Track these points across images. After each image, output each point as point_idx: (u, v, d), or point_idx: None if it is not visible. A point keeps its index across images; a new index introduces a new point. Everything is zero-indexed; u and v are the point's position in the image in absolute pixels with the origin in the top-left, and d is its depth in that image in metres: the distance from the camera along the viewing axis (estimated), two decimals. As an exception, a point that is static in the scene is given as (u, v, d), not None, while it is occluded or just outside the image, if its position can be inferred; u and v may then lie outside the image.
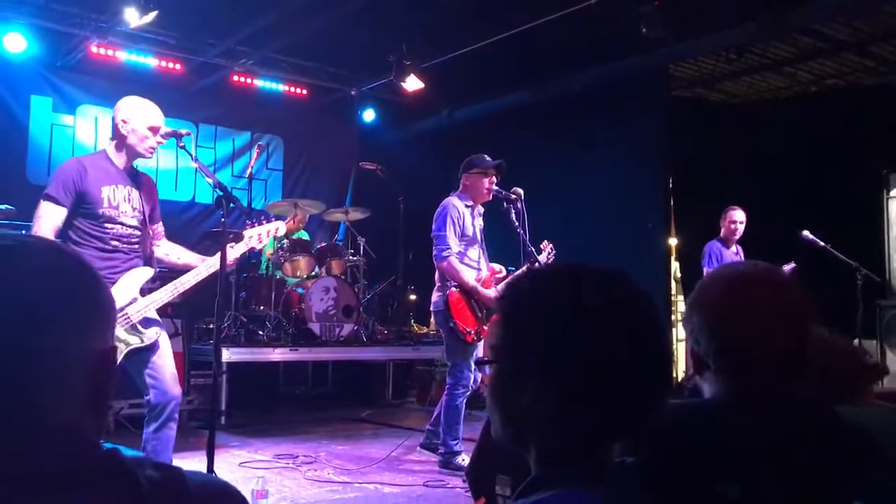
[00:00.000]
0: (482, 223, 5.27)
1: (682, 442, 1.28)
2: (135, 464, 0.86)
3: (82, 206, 3.55)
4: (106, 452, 0.86)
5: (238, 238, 3.85)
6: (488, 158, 5.16)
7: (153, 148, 3.67)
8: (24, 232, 4.02)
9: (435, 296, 5.11)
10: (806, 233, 6.53)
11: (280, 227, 4.07)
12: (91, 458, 0.85)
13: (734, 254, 6.69)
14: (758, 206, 6.96)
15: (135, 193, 3.71)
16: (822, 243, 6.52)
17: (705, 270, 6.44)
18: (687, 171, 8.14)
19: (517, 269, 5.00)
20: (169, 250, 3.93)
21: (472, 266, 5.12)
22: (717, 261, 6.52)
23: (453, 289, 4.99)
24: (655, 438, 1.16)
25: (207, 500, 0.90)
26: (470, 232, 5.11)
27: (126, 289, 3.57)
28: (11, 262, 0.86)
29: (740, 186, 7.87)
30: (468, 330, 4.93)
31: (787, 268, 6.58)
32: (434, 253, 5.06)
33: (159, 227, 3.93)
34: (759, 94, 9.20)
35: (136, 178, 3.76)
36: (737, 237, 6.73)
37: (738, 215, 6.71)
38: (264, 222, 3.97)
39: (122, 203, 3.64)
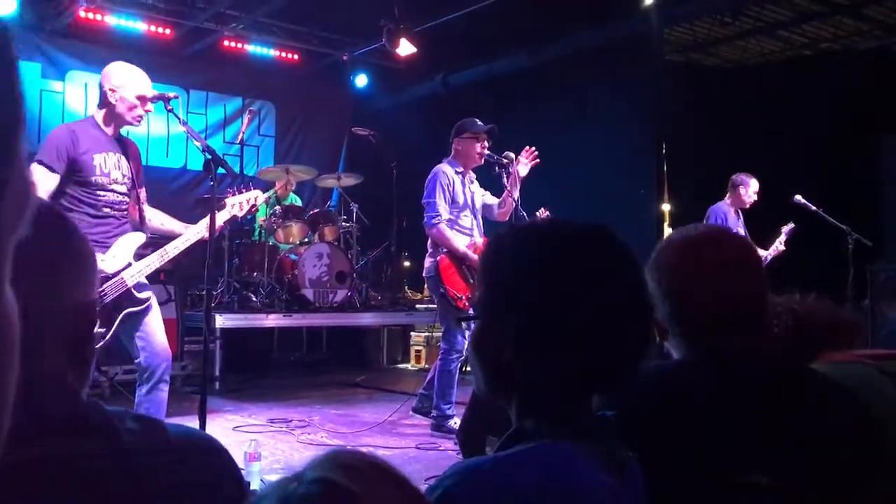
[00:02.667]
0: (476, 191, 5.25)
1: (656, 398, 1.30)
2: (115, 416, 0.87)
3: (74, 174, 3.55)
4: (87, 402, 0.87)
5: (220, 206, 3.85)
6: (480, 123, 5.13)
7: (141, 116, 3.66)
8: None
9: (427, 261, 5.12)
10: (798, 197, 6.52)
11: (259, 197, 4.07)
12: (72, 407, 0.86)
13: (737, 220, 6.63)
14: (752, 170, 6.94)
15: (123, 160, 3.71)
16: (813, 207, 6.53)
17: None
18: (681, 136, 8.11)
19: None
20: (152, 216, 3.91)
21: (465, 233, 5.12)
22: (722, 224, 6.44)
23: (444, 255, 5.00)
24: (633, 393, 1.18)
25: (188, 451, 0.91)
26: (461, 199, 5.10)
27: (120, 254, 3.58)
28: None
29: (734, 151, 7.85)
30: (459, 295, 4.94)
31: (786, 228, 6.58)
32: (424, 220, 5.06)
33: (142, 193, 3.92)
34: (753, 58, 9.16)
35: (123, 145, 3.75)
36: (748, 206, 6.57)
37: (756, 184, 6.54)
38: (244, 191, 3.98)
39: (112, 170, 3.64)
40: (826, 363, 1.43)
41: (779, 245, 6.60)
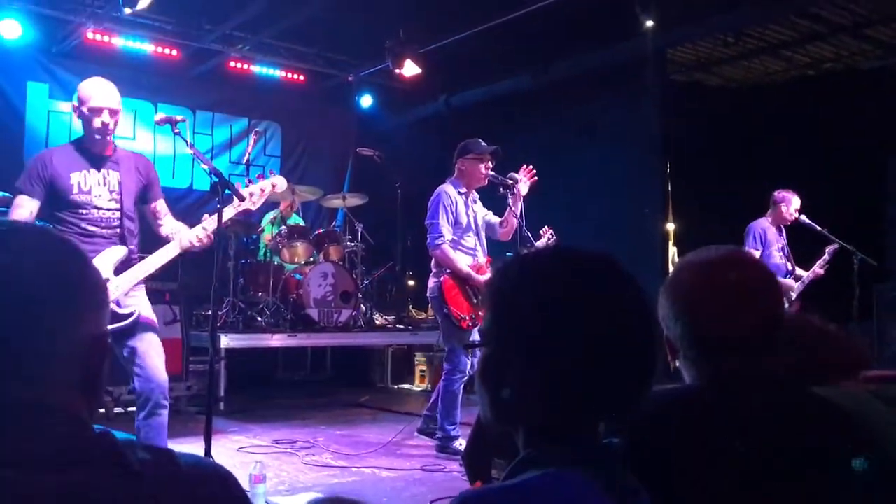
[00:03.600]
0: (478, 210, 5.26)
1: (661, 426, 1.30)
2: (126, 445, 0.88)
3: (55, 195, 3.59)
4: (97, 434, 0.88)
5: (237, 197, 3.75)
6: (483, 143, 5.14)
7: (101, 130, 3.59)
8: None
9: (431, 282, 5.13)
10: (803, 217, 6.52)
11: (279, 183, 3.94)
12: (82, 438, 0.86)
13: (779, 236, 6.57)
14: (755, 190, 6.95)
15: (112, 176, 3.69)
16: (818, 227, 6.52)
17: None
18: (684, 155, 8.13)
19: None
20: (171, 229, 3.88)
21: (468, 253, 5.13)
22: (760, 242, 6.38)
23: (447, 275, 5.01)
24: (639, 421, 1.18)
25: (199, 481, 0.91)
26: (464, 220, 5.10)
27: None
28: (4, 245, 0.87)
29: (738, 171, 7.88)
30: (462, 316, 4.95)
31: (830, 249, 6.52)
32: (427, 241, 5.08)
33: (159, 205, 3.90)
34: (756, 78, 9.19)
35: (115, 161, 3.72)
36: (789, 223, 6.50)
37: (798, 201, 6.46)
38: (259, 180, 3.90)
39: (94, 187, 3.64)
40: (825, 386, 1.44)
41: (817, 269, 6.54)
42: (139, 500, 0.84)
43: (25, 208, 3.54)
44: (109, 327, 3.00)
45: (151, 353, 3.59)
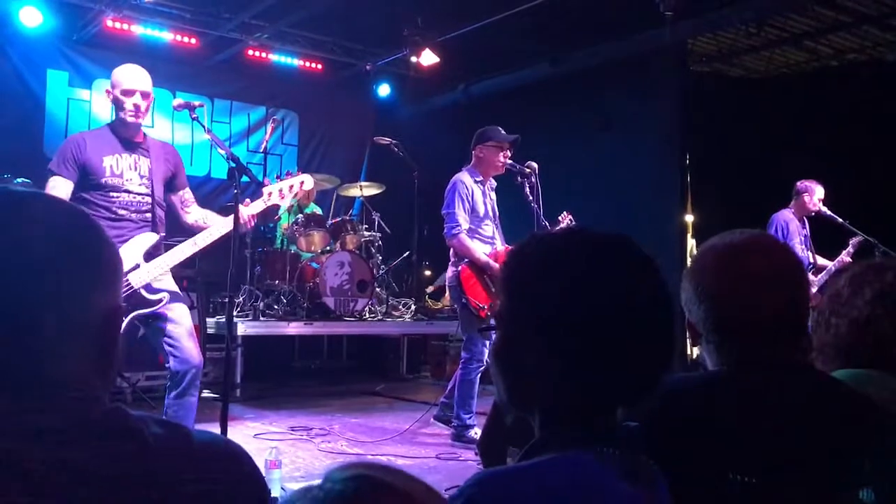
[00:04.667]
0: (494, 198, 5.24)
1: (681, 410, 1.28)
2: (139, 420, 0.88)
3: (87, 178, 3.64)
4: (111, 408, 0.87)
5: (258, 195, 3.86)
6: (503, 132, 5.11)
7: (133, 112, 3.65)
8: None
9: (449, 271, 5.12)
10: (824, 208, 6.44)
11: (307, 181, 4.02)
12: (96, 413, 0.86)
13: (801, 227, 6.49)
14: (776, 182, 6.88)
15: (143, 162, 3.74)
16: (839, 219, 6.45)
17: None
18: (704, 146, 8.05)
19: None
20: (198, 217, 3.95)
21: (486, 241, 5.11)
22: (782, 234, 6.30)
23: (465, 265, 4.99)
24: (658, 405, 1.16)
25: (213, 457, 0.91)
26: (481, 209, 5.08)
27: (128, 256, 3.59)
28: (19, 214, 0.87)
29: (758, 162, 7.79)
30: (481, 305, 4.93)
31: (854, 241, 6.45)
32: (444, 231, 5.06)
33: (186, 194, 3.96)
34: (778, 69, 9.08)
35: (146, 147, 3.78)
36: (813, 214, 6.44)
37: (821, 191, 6.40)
38: (287, 178, 3.96)
39: (126, 171, 3.69)
40: (845, 371, 1.41)
41: (844, 257, 6.48)
42: (150, 474, 0.84)
43: (59, 190, 3.58)
44: (140, 312, 3.03)
45: (186, 334, 3.66)
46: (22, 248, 0.85)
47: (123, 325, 3.46)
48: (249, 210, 3.79)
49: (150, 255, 3.67)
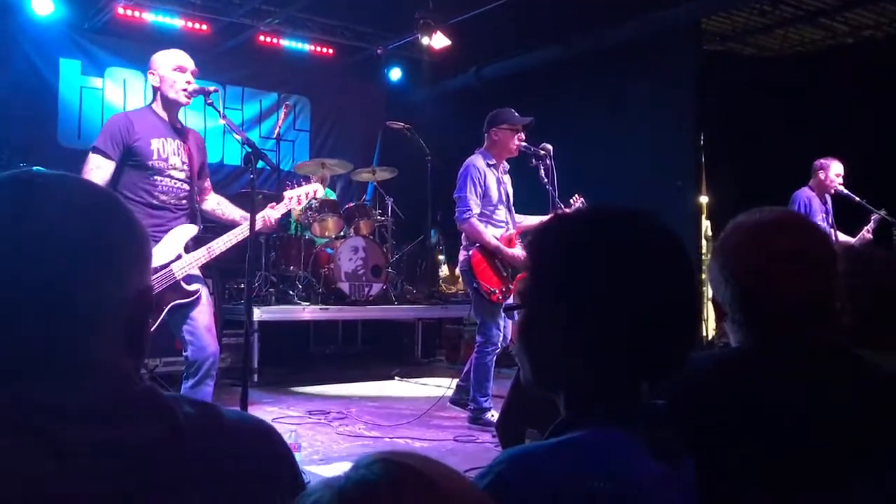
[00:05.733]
0: (508, 181, 5.22)
1: (705, 389, 1.28)
2: (172, 400, 0.88)
3: (131, 159, 3.59)
4: (144, 388, 0.88)
5: (278, 200, 3.90)
6: (517, 114, 5.08)
7: (185, 90, 3.64)
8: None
9: (461, 255, 5.11)
10: (841, 187, 6.39)
11: (318, 190, 4.12)
12: (129, 392, 0.87)
13: (822, 205, 6.41)
14: (791, 162, 6.82)
15: (183, 148, 3.73)
16: (856, 198, 6.40)
17: None
18: (718, 127, 7.99)
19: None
20: (215, 205, 3.97)
21: (500, 226, 5.09)
22: (805, 210, 6.20)
23: (476, 249, 4.99)
24: (683, 384, 1.16)
25: (244, 435, 0.92)
26: (494, 193, 5.04)
27: (171, 246, 3.59)
28: (47, 198, 0.87)
29: (774, 142, 7.73)
30: (492, 289, 4.93)
31: (876, 216, 6.40)
32: (455, 215, 5.05)
33: (206, 182, 3.98)
34: (793, 47, 8.99)
35: (183, 133, 3.77)
36: (832, 191, 6.38)
37: (839, 168, 6.36)
38: (303, 184, 4.03)
39: (171, 156, 3.67)
40: (880, 352, 1.40)
41: (865, 233, 6.44)
42: (184, 453, 0.85)
43: (103, 170, 3.52)
44: (175, 302, 3.04)
45: (205, 324, 3.65)
46: (52, 231, 0.85)
47: (163, 314, 3.48)
48: (274, 213, 3.83)
49: (190, 246, 3.69)
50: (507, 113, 5.08)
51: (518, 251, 4.99)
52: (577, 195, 5.28)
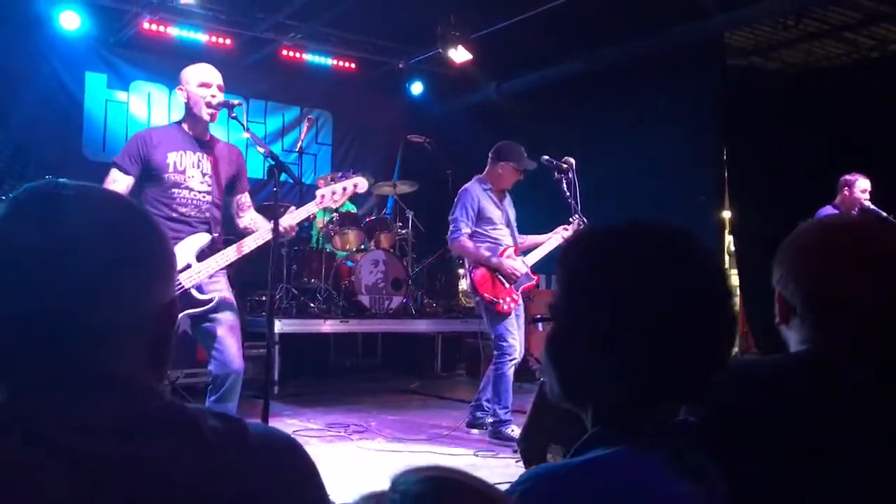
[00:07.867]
0: (510, 204, 5.31)
1: (746, 404, 1.25)
2: (197, 413, 0.87)
3: (150, 172, 3.64)
4: (168, 402, 0.87)
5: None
6: (525, 155, 5.16)
7: (210, 104, 3.66)
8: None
9: (467, 277, 5.20)
10: (868, 203, 6.31)
11: (360, 184, 4.01)
12: (153, 407, 0.86)
13: None
14: (816, 176, 6.75)
15: (207, 160, 3.75)
16: (884, 213, 6.31)
17: None
18: (742, 142, 7.93)
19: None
20: (249, 221, 3.98)
21: (495, 244, 5.15)
22: None
23: (476, 269, 5.07)
24: (722, 398, 1.13)
25: (269, 450, 0.90)
26: (494, 214, 5.16)
27: (180, 255, 3.59)
28: (73, 211, 0.87)
29: (798, 157, 7.65)
30: (497, 300, 4.98)
31: None
32: (447, 235, 5.16)
33: (244, 198, 4.00)
34: (817, 62, 8.93)
35: (208, 146, 3.79)
36: (859, 207, 6.21)
37: (865, 183, 6.27)
38: (343, 180, 3.98)
39: (189, 168, 3.69)
40: None
41: None
42: (209, 467, 0.83)
43: (118, 183, 3.59)
44: (189, 311, 3.04)
45: (231, 337, 3.64)
46: (77, 243, 0.85)
47: (176, 324, 3.48)
48: (295, 217, 3.82)
49: (203, 254, 3.68)
50: (517, 151, 5.17)
51: (518, 263, 5.06)
52: (576, 216, 5.20)
